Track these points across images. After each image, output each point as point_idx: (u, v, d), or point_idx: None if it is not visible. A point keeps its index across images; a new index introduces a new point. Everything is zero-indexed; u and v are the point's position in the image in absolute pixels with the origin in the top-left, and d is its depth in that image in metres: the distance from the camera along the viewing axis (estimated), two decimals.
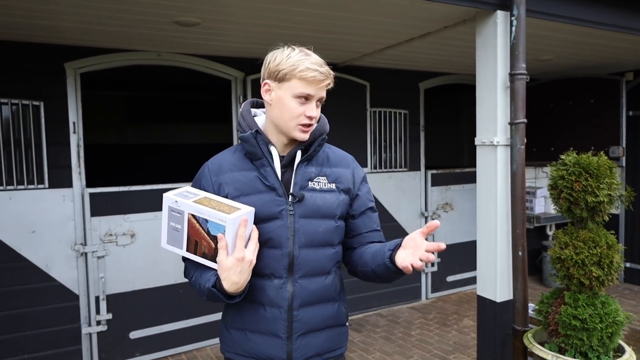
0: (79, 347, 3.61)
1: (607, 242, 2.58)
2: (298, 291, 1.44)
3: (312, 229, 1.44)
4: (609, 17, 3.27)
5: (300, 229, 1.43)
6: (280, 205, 1.42)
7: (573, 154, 2.70)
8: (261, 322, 1.44)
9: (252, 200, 1.41)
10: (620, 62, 4.83)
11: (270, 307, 1.43)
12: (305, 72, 1.36)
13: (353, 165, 1.57)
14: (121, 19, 2.91)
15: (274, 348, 1.44)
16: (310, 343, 1.46)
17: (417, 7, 2.83)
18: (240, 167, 1.47)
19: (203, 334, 4.05)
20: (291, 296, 1.43)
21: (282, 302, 1.43)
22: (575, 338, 2.52)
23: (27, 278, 3.42)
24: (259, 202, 1.41)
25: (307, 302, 1.45)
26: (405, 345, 4.10)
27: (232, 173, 1.46)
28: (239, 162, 1.48)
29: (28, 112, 3.40)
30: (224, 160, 1.50)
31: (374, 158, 4.83)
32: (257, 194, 1.43)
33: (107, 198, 3.64)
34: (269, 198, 1.42)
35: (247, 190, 1.44)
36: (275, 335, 1.44)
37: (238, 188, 1.44)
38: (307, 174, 1.46)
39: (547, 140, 5.29)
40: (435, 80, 5.25)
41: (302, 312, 1.44)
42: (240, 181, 1.45)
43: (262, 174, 1.44)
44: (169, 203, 1.38)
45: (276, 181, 1.43)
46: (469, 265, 5.42)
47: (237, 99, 4.16)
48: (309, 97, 1.39)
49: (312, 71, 1.36)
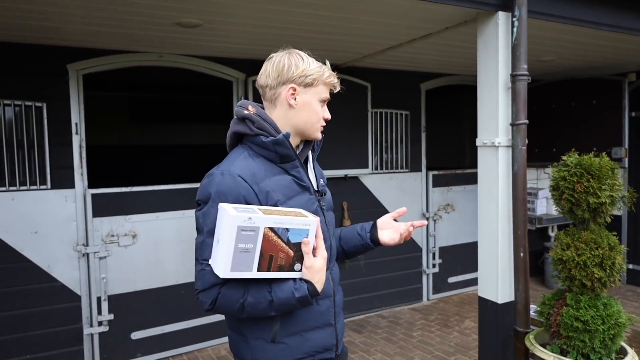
0: (81, 347, 3.62)
1: (609, 244, 2.57)
2: (334, 277, 1.58)
3: (332, 220, 1.62)
4: (611, 17, 3.27)
5: (330, 221, 1.59)
6: (314, 202, 1.51)
7: (575, 155, 2.70)
8: (316, 317, 1.50)
9: (297, 203, 1.45)
10: (622, 62, 4.82)
11: (322, 300, 1.51)
12: (331, 79, 1.50)
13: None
14: (123, 20, 2.92)
15: (328, 337, 1.53)
16: (341, 322, 1.61)
17: (419, 8, 2.83)
18: (272, 172, 1.43)
19: (204, 335, 4.05)
20: (331, 283, 1.55)
21: (329, 291, 1.54)
22: (577, 340, 2.52)
23: (29, 278, 3.43)
24: (303, 202, 1.47)
25: (337, 285, 1.61)
26: (406, 346, 4.09)
27: (270, 179, 1.42)
28: (267, 167, 1.43)
29: (31, 113, 3.41)
30: (254, 168, 1.41)
31: (375, 159, 4.83)
32: (298, 195, 1.47)
33: (109, 199, 3.65)
34: (307, 198, 1.49)
35: (291, 193, 1.44)
36: (328, 325, 1.53)
37: (285, 193, 1.43)
38: (319, 171, 1.62)
39: (548, 141, 5.29)
40: (436, 81, 5.25)
41: (337, 295, 1.58)
42: (283, 186, 1.43)
43: (295, 175, 1.46)
44: (238, 223, 1.20)
45: (308, 181, 1.51)
46: (470, 267, 5.41)
47: (239, 99, 4.16)
48: (325, 101, 1.53)
49: (334, 77, 1.51)
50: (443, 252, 5.29)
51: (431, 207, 5.17)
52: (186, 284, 3.93)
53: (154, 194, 3.80)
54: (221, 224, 1.25)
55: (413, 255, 5.12)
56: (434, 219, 5.19)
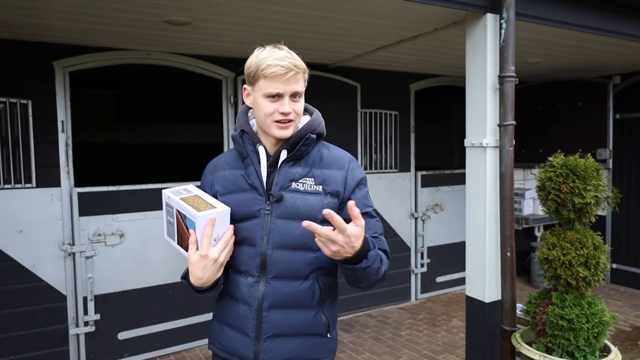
0: (67, 348, 3.57)
1: (594, 243, 2.61)
2: (269, 292, 1.42)
3: (288, 230, 1.41)
4: (594, 20, 3.31)
5: (276, 229, 1.41)
6: (258, 204, 1.43)
7: (561, 156, 2.73)
8: (235, 318, 1.47)
9: (235, 198, 1.45)
10: (607, 65, 4.90)
11: (242, 304, 1.45)
12: (267, 70, 1.35)
13: (349, 167, 1.49)
14: (111, 17, 2.89)
15: (243, 346, 1.45)
16: (279, 347, 1.43)
17: (408, 9, 2.84)
18: (232, 165, 1.51)
19: (192, 335, 4.03)
20: (262, 296, 1.42)
21: (252, 300, 1.43)
22: (562, 338, 2.55)
23: (14, 278, 3.38)
24: (241, 200, 1.45)
25: (278, 304, 1.42)
26: (394, 345, 4.11)
27: (224, 171, 1.51)
28: (232, 161, 1.52)
29: (16, 110, 3.35)
30: (220, 159, 1.57)
31: (364, 159, 4.84)
32: (241, 192, 1.46)
33: (96, 198, 3.61)
34: (250, 197, 1.44)
35: (233, 188, 1.48)
36: (244, 333, 1.45)
37: (225, 186, 1.49)
38: (290, 174, 1.44)
39: (535, 142, 5.35)
40: (425, 82, 5.28)
41: (272, 313, 1.42)
42: (228, 179, 1.49)
43: (246, 173, 1.47)
44: (164, 198, 1.49)
45: (257, 180, 1.44)
46: (458, 266, 5.45)
47: (228, 98, 4.15)
48: (280, 95, 1.37)
49: (273, 67, 1.34)
50: (431, 251, 5.33)
51: (420, 207, 5.20)
52: (174, 283, 3.90)
53: (141, 192, 3.77)
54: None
55: (402, 255, 5.14)
56: (422, 219, 5.22)
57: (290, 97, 1.39)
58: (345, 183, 1.46)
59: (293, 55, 1.40)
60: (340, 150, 1.55)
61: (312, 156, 1.47)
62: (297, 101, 1.41)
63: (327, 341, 1.51)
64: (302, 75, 1.41)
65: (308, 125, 1.48)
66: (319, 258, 1.44)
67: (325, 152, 1.51)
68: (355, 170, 1.50)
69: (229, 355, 1.50)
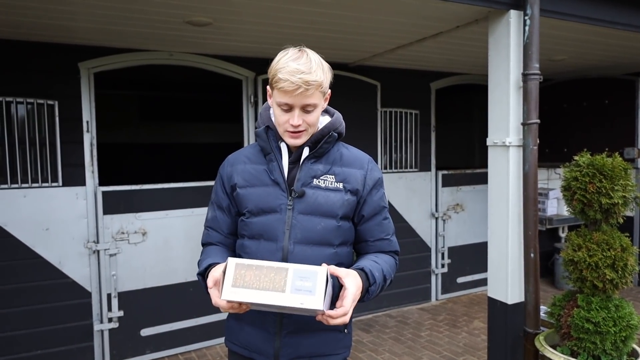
0: (91, 343, 3.65)
1: (622, 245, 2.54)
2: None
3: (310, 226, 1.43)
4: (624, 16, 3.22)
5: (297, 224, 1.42)
6: (280, 199, 1.45)
7: (587, 155, 2.67)
8: (254, 314, 1.46)
9: (257, 192, 1.47)
10: (636, 62, 4.76)
11: None
12: (278, 83, 1.34)
13: (368, 167, 1.52)
14: (134, 19, 2.93)
15: (263, 342, 1.46)
16: (299, 342, 1.45)
17: (429, 7, 2.81)
18: (253, 160, 1.53)
19: (213, 333, 4.07)
20: None
21: None
22: (588, 341, 2.49)
23: (41, 275, 3.47)
24: (263, 194, 1.46)
25: None
26: (414, 346, 4.08)
27: (245, 165, 1.53)
28: (253, 156, 1.54)
29: (43, 111, 3.44)
30: (241, 153, 1.58)
31: (384, 158, 4.82)
32: (263, 187, 1.47)
33: (120, 196, 3.68)
34: (272, 191, 1.46)
35: (254, 181, 1.49)
36: (264, 329, 1.46)
37: (246, 179, 1.50)
38: (312, 170, 1.46)
39: (560, 141, 5.24)
40: (446, 81, 5.22)
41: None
42: (250, 173, 1.51)
43: (269, 168, 1.48)
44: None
45: (279, 176, 1.46)
46: (479, 267, 5.38)
47: (248, 98, 4.18)
48: (291, 106, 1.37)
49: (283, 82, 1.32)
50: (452, 252, 5.27)
51: (440, 207, 5.15)
52: (195, 282, 3.95)
53: (163, 191, 3.82)
54: None
55: (422, 255, 5.10)
56: (443, 218, 5.16)
57: (301, 109, 1.38)
58: (364, 182, 1.49)
59: (311, 65, 1.34)
60: (359, 151, 1.60)
61: (332, 154, 1.50)
62: (310, 112, 1.40)
63: (344, 337, 1.55)
64: (316, 90, 1.36)
65: (330, 124, 1.51)
66: (338, 254, 1.47)
67: (344, 151, 1.54)
68: (373, 171, 1.54)
69: (248, 352, 1.51)
